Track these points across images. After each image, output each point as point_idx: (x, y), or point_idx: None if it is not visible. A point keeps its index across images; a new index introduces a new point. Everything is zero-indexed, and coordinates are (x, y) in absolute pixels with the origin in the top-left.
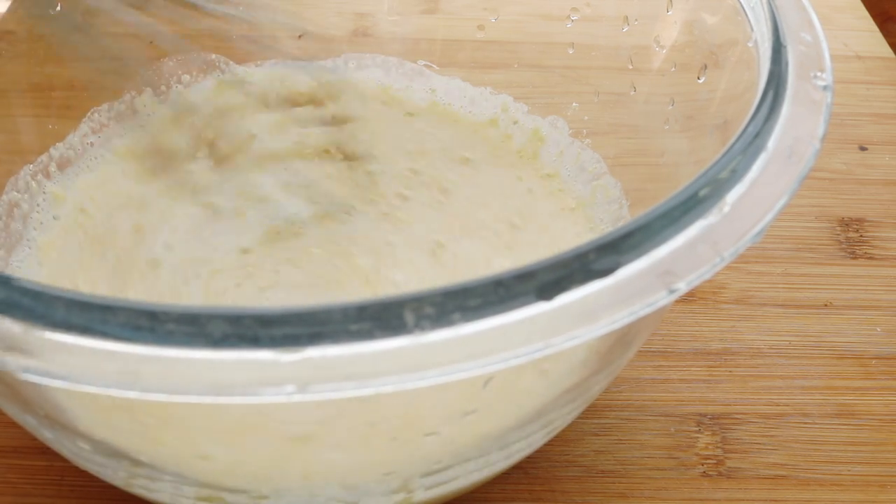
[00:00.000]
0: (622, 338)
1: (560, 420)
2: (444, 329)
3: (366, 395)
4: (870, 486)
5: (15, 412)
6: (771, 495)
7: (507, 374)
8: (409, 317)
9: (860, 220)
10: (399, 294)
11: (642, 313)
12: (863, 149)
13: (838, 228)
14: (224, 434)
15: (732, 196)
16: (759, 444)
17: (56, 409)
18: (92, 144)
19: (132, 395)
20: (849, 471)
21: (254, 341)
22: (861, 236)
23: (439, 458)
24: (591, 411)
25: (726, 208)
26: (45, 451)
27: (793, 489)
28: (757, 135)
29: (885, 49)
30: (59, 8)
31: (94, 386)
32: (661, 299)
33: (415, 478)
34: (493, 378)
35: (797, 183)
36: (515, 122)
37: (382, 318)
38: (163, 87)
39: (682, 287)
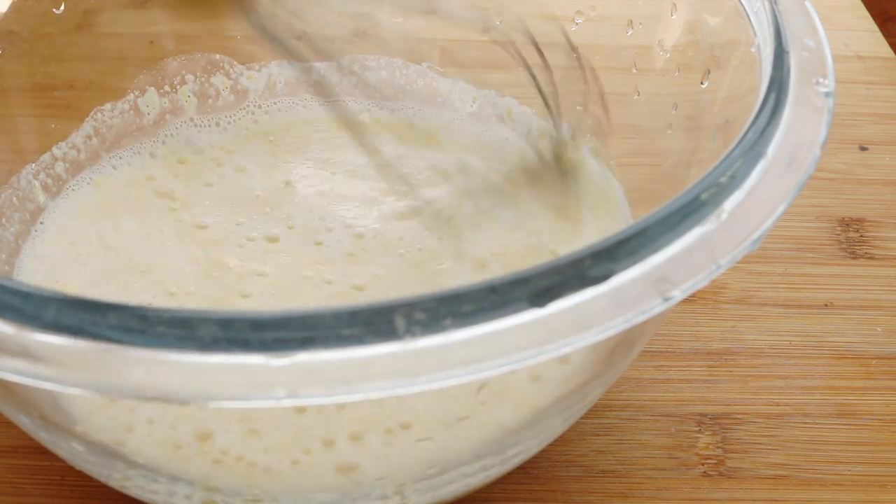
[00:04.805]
0: (620, 344)
1: (557, 426)
2: (436, 335)
3: (356, 400)
4: (870, 486)
5: (10, 412)
6: (771, 495)
7: (502, 380)
8: (400, 322)
9: (860, 220)
10: (391, 299)
11: (636, 321)
12: (863, 149)
13: (838, 228)
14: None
15: (730, 203)
16: (760, 444)
17: (51, 409)
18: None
19: (122, 397)
20: (849, 471)
21: (244, 345)
22: (861, 236)
23: (433, 464)
24: (591, 411)
25: (724, 215)
26: (45, 451)
27: (793, 489)
28: (757, 141)
29: (885, 49)
30: (62, 8)
31: (84, 388)
32: (656, 307)
33: (409, 483)
34: (487, 384)
35: (796, 190)
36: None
37: (373, 323)
38: (166, 88)
39: (678, 295)
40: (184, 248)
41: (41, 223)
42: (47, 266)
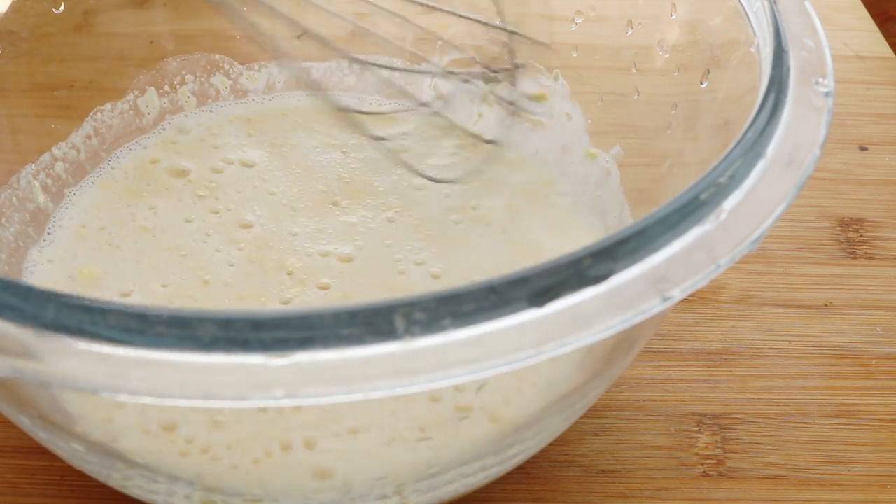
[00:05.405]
0: (620, 344)
1: (557, 426)
2: (435, 335)
3: (355, 400)
4: (870, 486)
5: (10, 412)
6: (771, 495)
7: (501, 379)
8: (400, 322)
9: (860, 220)
10: (391, 299)
11: (635, 321)
12: (863, 149)
13: (838, 228)
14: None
15: (730, 203)
16: (759, 444)
17: (51, 409)
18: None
19: (121, 397)
20: (849, 471)
21: (243, 345)
22: (861, 236)
23: (433, 464)
24: (591, 411)
25: (723, 215)
26: (44, 451)
27: (793, 489)
28: (756, 141)
29: (885, 49)
30: (62, 8)
31: (83, 388)
32: (655, 307)
33: (409, 483)
34: (487, 384)
35: (796, 190)
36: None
37: (373, 323)
38: (166, 87)
39: (677, 295)
40: (231, 241)
41: (48, 232)
42: (68, 257)
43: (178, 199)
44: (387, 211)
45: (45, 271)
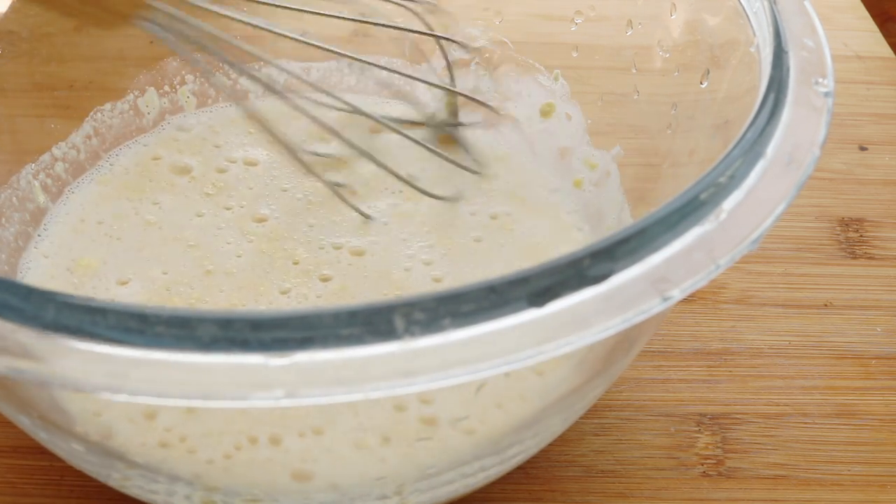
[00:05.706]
0: (619, 344)
1: (556, 426)
2: (434, 335)
3: (355, 400)
4: (870, 486)
5: (10, 412)
6: (771, 495)
7: (501, 379)
8: (400, 322)
9: (860, 220)
10: (390, 299)
11: (635, 321)
12: (863, 149)
13: (838, 228)
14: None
15: (729, 203)
16: (759, 444)
17: (51, 409)
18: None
19: (121, 398)
20: (849, 471)
21: (243, 345)
22: (861, 236)
23: (432, 464)
24: (591, 411)
25: (723, 215)
26: (44, 451)
27: (793, 489)
28: (756, 141)
29: (885, 49)
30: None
31: (83, 388)
32: (655, 307)
33: (408, 483)
34: (487, 384)
35: (795, 190)
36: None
37: (372, 323)
38: (166, 88)
39: (677, 295)
40: (242, 234)
41: (44, 228)
42: (64, 250)
43: (185, 196)
44: (406, 203)
45: (41, 266)
